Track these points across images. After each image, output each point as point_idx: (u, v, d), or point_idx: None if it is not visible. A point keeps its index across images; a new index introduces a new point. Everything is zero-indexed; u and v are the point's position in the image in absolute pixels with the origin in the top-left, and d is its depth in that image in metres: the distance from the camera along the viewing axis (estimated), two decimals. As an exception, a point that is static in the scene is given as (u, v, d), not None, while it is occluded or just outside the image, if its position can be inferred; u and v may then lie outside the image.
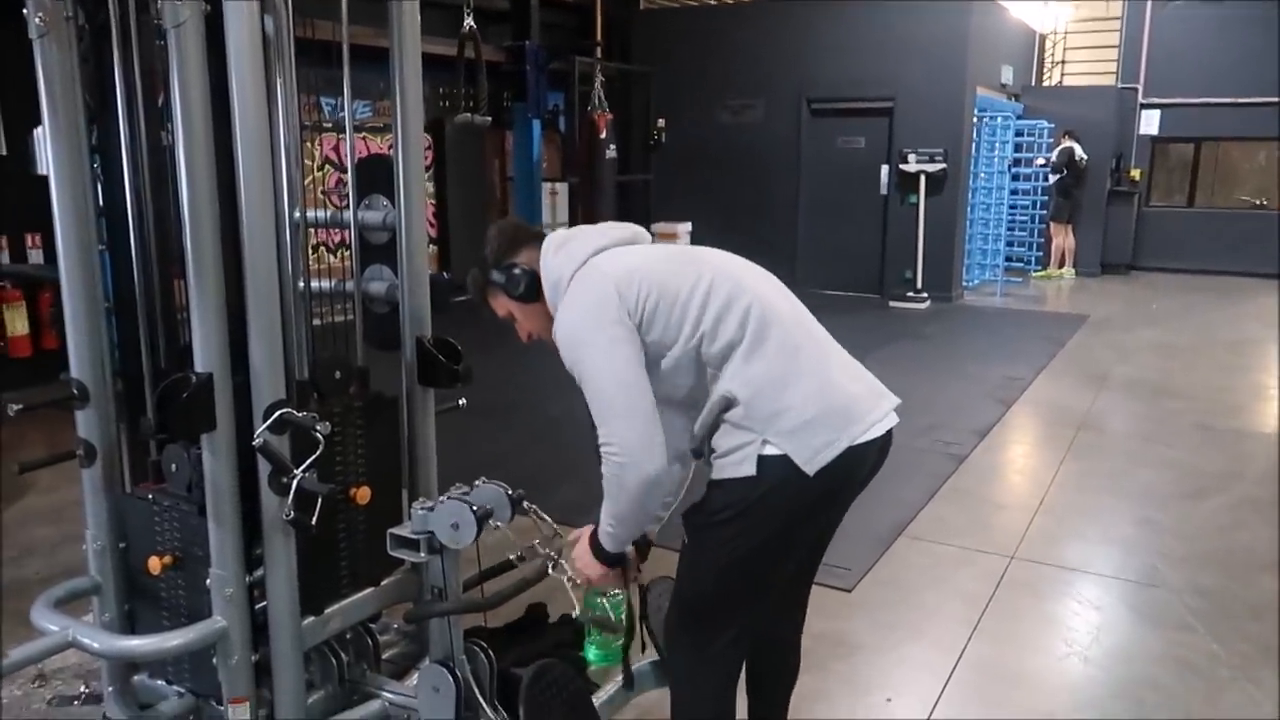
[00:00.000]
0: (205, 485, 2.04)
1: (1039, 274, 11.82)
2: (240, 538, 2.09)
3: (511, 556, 2.22)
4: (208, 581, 2.09)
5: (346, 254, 2.49)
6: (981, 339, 8.38)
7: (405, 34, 2.30)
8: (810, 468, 1.70)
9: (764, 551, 1.79)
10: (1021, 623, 3.21)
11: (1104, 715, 2.66)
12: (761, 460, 1.71)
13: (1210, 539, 3.86)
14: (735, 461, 1.74)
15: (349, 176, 2.41)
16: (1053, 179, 11.47)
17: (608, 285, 1.78)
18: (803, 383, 1.75)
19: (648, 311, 1.76)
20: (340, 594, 2.35)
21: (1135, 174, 12.52)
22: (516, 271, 1.94)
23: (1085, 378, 6.67)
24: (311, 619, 2.25)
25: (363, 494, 2.25)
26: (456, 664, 2.23)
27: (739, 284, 1.81)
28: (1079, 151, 11.42)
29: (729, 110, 10.79)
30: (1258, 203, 13.09)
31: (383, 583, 2.47)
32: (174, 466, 2.16)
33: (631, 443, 1.72)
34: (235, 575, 2.08)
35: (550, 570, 2.11)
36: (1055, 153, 11.43)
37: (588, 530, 1.94)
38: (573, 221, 10.31)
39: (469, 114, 2.89)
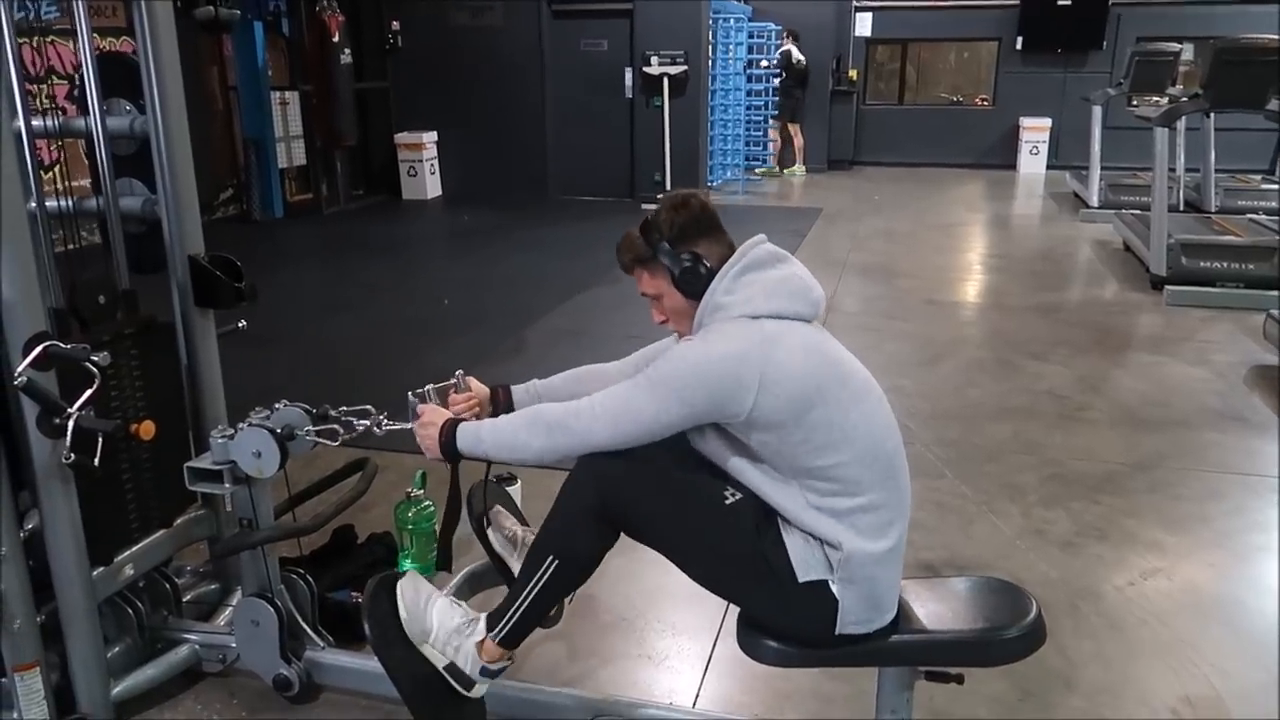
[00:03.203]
0: (-43, 435, 1.80)
1: (762, 170, 12.42)
2: (9, 490, 1.86)
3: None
4: (-28, 544, 1.86)
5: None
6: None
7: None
8: (841, 629, 1.66)
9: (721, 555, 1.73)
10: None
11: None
12: (817, 584, 1.65)
13: (948, 398, 4.36)
14: (803, 556, 1.66)
15: (88, 78, 2.12)
16: (775, 81, 12.05)
17: (751, 371, 1.60)
18: (894, 569, 1.70)
19: (763, 420, 1.61)
20: (131, 539, 2.17)
21: (853, 74, 13.40)
22: (703, 269, 1.71)
23: (827, 264, 7.19)
24: (101, 569, 2.07)
25: (146, 429, 2.06)
26: (275, 594, 2.14)
27: (895, 441, 1.72)
28: (796, 54, 12.05)
29: (467, 12, 10.38)
30: (954, 99, 14.47)
31: (175, 523, 2.30)
32: (-92, 419, 1.88)
33: (586, 436, 1.70)
34: (7, 531, 1.86)
35: (378, 431, 2.06)
36: (777, 55, 12.00)
37: (447, 414, 1.86)
38: (307, 133, 9.64)
39: (210, 7, 2.59)
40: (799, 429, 1.62)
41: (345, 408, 2.10)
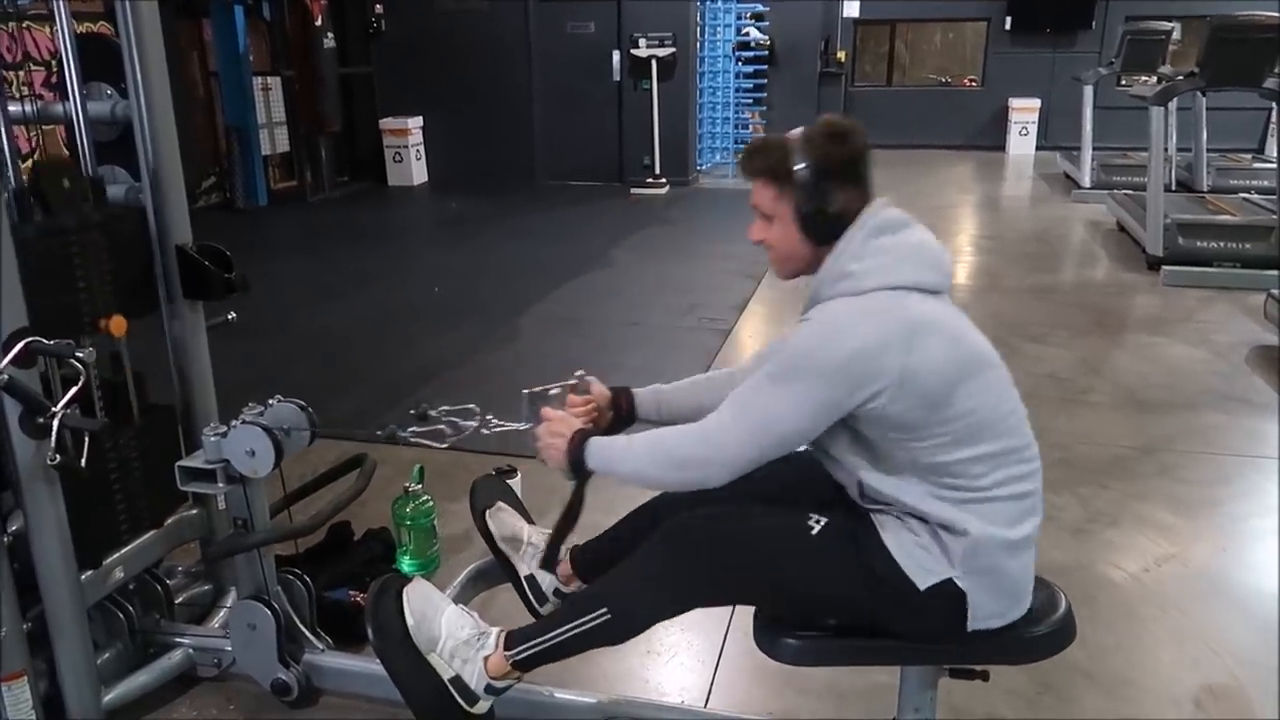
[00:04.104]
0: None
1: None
2: (-10, 494, 1.78)
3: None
4: (-47, 549, 1.78)
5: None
6: (723, 220, 8.70)
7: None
8: (973, 626, 1.53)
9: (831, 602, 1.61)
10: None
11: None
12: (941, 585, 1.51)
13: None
14: (918, 561, 1.52)
15: (67, 61, 2.02)
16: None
17: (893, 362, 1.43)
18: (1026, 559, 1.57)
19: (895, 416, 1.46)
20: (120, 540, 2.08)
21: (841, 56, 13.31)
22: (831, 210, 1.54)
23: (820, 249, 7.11)
24: (90, 573, 1.99)
25: (117, 324, 1.93)
26: (272, 596, 2.06)
27: (1023, 423, 1.57)
28: (755, 35, 11.91)
29: (452, -5, 10.24)
30: (942, 80, 14.40)
31: (166, 523, 2.22)
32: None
33: (729, 464, 1.51)
34: (-10, 537, 1.78)
35: (486, 432, 1.92)
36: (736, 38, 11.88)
37: (577, 424, 1.70)
38: (290, 120, 9.48)
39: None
40: (934, 425, 1.47)
41: (446, 407, 1.96)
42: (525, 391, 1.86)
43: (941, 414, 1.47)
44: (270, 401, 2.00)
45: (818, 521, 1.59)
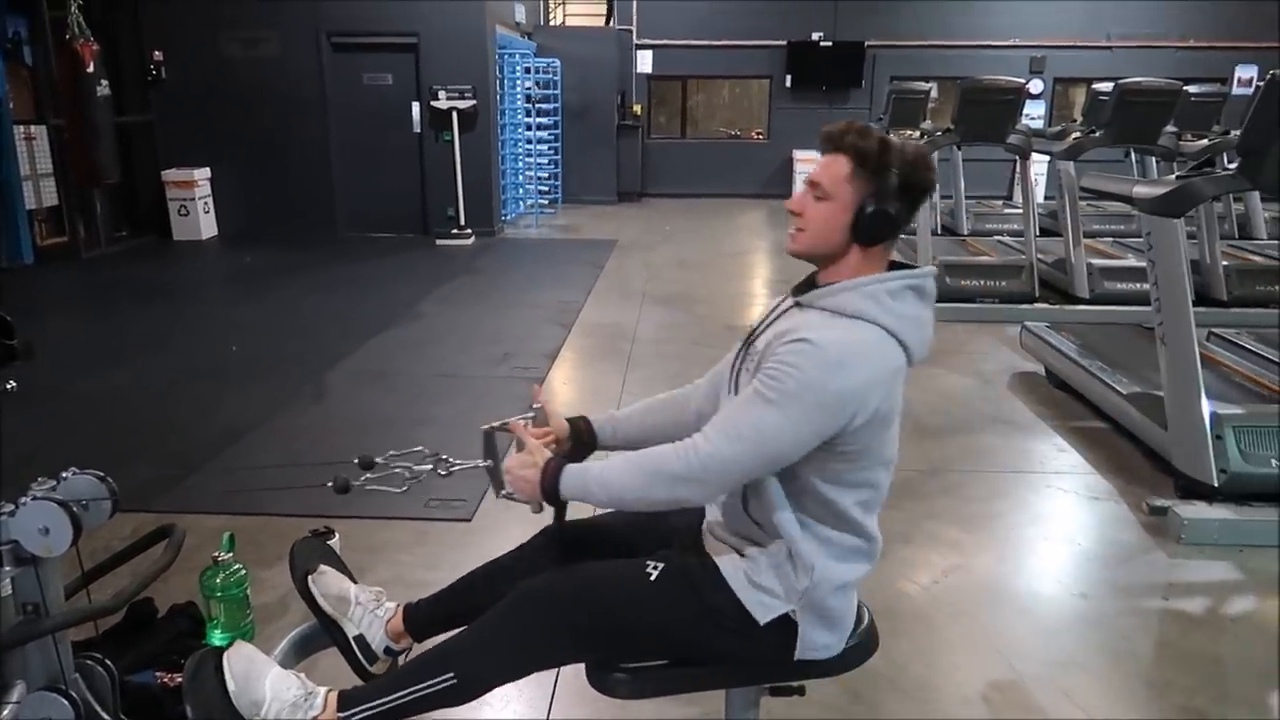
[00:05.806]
0: None
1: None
2: None
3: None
4: None
5: None
6: (530, 269, 8.80)
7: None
8: (800, 656, 1.64)
9: (676, 647, 1.69)
10: (624, 518, 3.52)
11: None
12: (779, 620, 1.62)
13: (754, 419, 4.53)
14: (758, 597, 1.61)
15: None
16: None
17: (875, 396, 1.51)
18: (853, 594, 1.71)
19: (853, 439, 1.54)
20: (-116, 640, 1.87)
21: (637, 109, 13.83)
22: (888, 222, 1.55)
23: (627, 295, 7.34)
24: None
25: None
26: (69, 685, 1.91)
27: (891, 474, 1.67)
28: (536, 91, 12.25)
29: (238, 42, 9.89)
30: (732, 133, 15.21)
31: (-61, 616, 2.01)
32: None
33: (719, 481, 1.55)
34: None
35: (443, 473, 1.86)
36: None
37: (546, 454, 1.66)
38: (59, 171, 8.82)
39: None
40: (859, 461, 1.58)
41: (393, 452, 1.88)
42: (483, 428, 1.83)
43: (869, 454, 1.58)
44: (64, 474, 1.87)
45: (655, 567, 1.67)
